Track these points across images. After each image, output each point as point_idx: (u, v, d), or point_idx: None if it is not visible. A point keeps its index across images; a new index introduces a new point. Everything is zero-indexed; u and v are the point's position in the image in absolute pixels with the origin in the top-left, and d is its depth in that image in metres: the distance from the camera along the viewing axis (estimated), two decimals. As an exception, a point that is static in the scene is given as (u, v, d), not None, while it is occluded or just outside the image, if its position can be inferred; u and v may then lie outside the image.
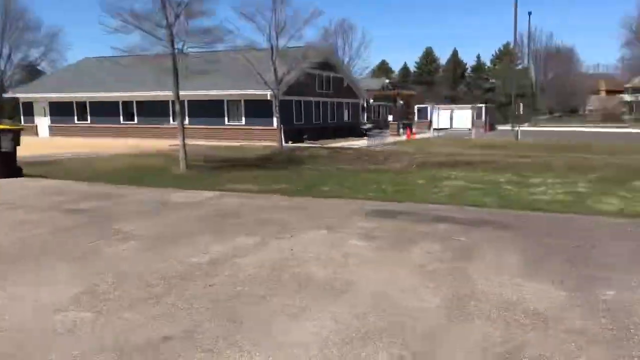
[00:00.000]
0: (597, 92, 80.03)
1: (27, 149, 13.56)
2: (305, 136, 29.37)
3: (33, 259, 5.73)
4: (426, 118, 42.47)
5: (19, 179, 12.62)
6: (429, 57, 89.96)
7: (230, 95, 29.05)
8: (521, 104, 36.30)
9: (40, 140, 29.79)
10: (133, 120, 32.50)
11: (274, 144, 24.08)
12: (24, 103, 35.15)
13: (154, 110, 31.27)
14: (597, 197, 9.83)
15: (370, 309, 4.27)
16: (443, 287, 4.77)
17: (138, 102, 32.01)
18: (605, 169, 14.22)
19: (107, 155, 20.10)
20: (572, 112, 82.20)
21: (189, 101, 28.10)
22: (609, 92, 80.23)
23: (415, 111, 47.07)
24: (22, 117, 34.62)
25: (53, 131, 33.86)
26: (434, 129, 36.49)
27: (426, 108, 44.58)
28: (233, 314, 4.16)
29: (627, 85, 71.63)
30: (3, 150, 12.57)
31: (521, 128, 32.66)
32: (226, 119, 30.24)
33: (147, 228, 7.30)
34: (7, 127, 13.25)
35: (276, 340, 3.68)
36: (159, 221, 7.82)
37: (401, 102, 49.67)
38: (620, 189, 10.60)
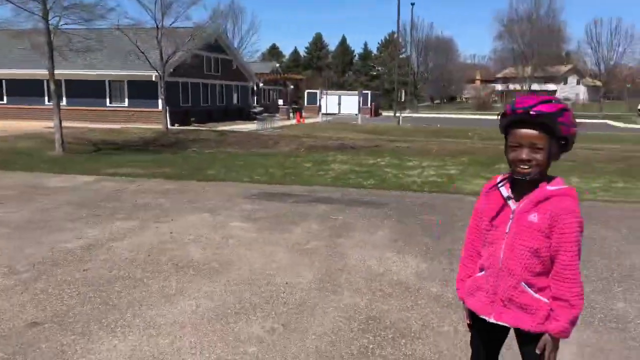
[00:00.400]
0: (473, 81, 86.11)
1: None
2: (192, 119, 28.67)
3: None
4: (315, 103, 43.24)
5: None
6: (318, 42, 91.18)
7: (113, 75, 27.55)
8: (403, 91, 38.19)
9: None
10: (2, 100, 29.70)
11: (159, 126, 23.29)
12: None
13: (27, 90, 28.79)
14: (465, 179, 10.76)
15: (247, 286, 4.44)
16: (317, 263, 5.06)
17: (8, 81, 29.30)
18: (477, 153, 15.53)
19: (15, 135, 18.33)
20: (451, 99, 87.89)
21: (66, 80, 26.27)
22: (483, 81, 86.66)
23: (305, 96, 47.73)
24: None
25: None
26: (323, 114, 37.28)
27: (315, 93, 45.35)
28: (107, 298, 4.13)
29: (498, 76, 77.88)
30: None
31: (403, 114, 34.45)
32: (108, 100, 28.64)
33: (17, 214, 6.87)
34: None
35: (152, 321, 3.73)
36: (31, 206, 7.37)
37: (291, 86, 50.06)
38: (486, 171, 11.68)
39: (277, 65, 53.73)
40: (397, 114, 33.94)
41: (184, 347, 3.36)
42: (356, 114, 36.20)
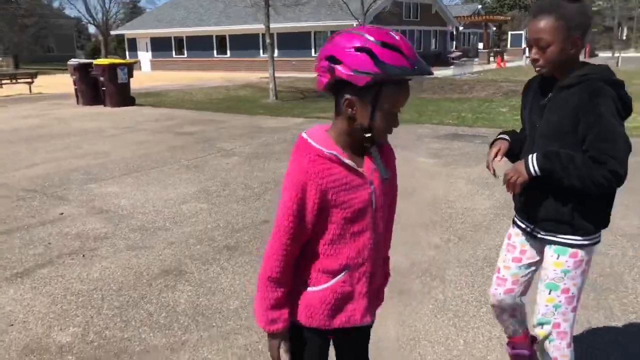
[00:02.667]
0: None
1: (133, 81, 15.19)
2: (391, 66, 29.42)
3: (157, 168, 7.06)
4: (520, 45, 40.56)
5: (132, 107, 14.34)
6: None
7: (317, 26, 29.51)
8: (625, 28, 33.60)
9: (143, 74, 32.20)
10: (226, 54, 34.03)
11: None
12: (128, 39, 37.78)
13: (244, 44, 32.56)
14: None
15: (430, 207, 5.12)
16: (497, 194, 5.49)
17: (231, 36, 33.35)
18: None
19: (205, 87, 21.66)
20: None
21: (278, 34, 28.95)
22: None
23: (509, 38, 44.92)
24: (127, 53, 37.32)
25: (154, 65, 36.28)
26: (527, 57, 34.95)
27: (520, 35, 42.42)
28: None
29: None
30: (119, 82, 14.26)
31: (624, 55, 30.56)
32: (312, 50, 30.90)
33: (244, 147, 8.47)
34: (123, 61, 14.91)
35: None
36: (254, 142, 8.96)
37: (494, 28, 47.45)
38: None
39: (479, 6, 51.09)
40: (616, 54, 30.22)
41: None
42: (565, 56, 33.13)
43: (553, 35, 1.86)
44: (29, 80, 19.66)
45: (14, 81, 19.81)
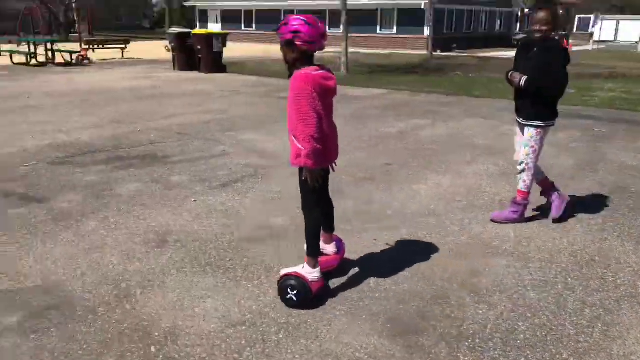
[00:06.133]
0: None
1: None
2: (454, 45, 29.90)
3: (279, 123, 8.35)
4: (587, 29, 39.89)
5: (224, 74, 15.75)
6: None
7: (384, 4, 30.19)
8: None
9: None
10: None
11: (424, 52, 25.24)
12: (200, 11, 39.43)
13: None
14: None
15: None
16: (579, 155, 6.49)
17: (298, 12, 34.40)
18: None
19: (276, 58, 22.90)
20: None
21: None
22: None
23: (575, 21, 44.10)
24: (197, 24, 38.99)
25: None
26: (594, 41, 34.53)
27: (588, 18, 41.62)
28: (425, 158, 6.33)
29: None
30: (214, 50, 15.67)
31: None
32: (378, 27, 31.64)
33: (343, 111, 9.65)
34: (218, 32, 16.29)
35: (455, 171, 5.79)
36: (347, 107, 10.12)
37: (561, 11, 46.58)
38: None
39: (546, -12, 49.94)
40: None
41: (478, 185, 5.34)
42: (637, 42, 32.65)
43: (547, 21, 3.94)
44: (123, 46, 21.43)
45: (106, 46, 21.66)
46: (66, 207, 4.46)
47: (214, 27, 38.37)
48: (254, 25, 36.82)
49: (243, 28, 37.16)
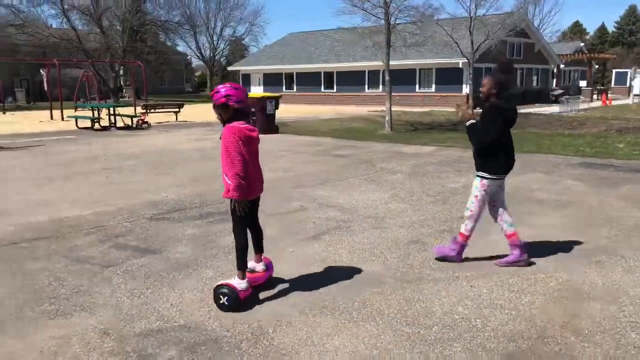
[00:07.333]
0: None
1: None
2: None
3: (343, 180, 8.81)
4: (625, 83, 40.00)
5: (278, 134, 16.53)
6: (632, 15, 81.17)
7: (423, 64, 31.18)
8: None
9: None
10: (332, 88, 36.51)
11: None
12: (243, 75, 41.39)
13: (350, 80, 34.86)
14: None
15: (587, 214, 6.41)
16: (644, 207, 6.69)
17: (338, 73, 35.82)
18: None
19: (320, 119, 23.80)
20: None
21: (384, 70, 30.85)
22: None
23: (613, 76, 44.29)
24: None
25: (265, 98, 39.40)
26: (634, 95, 34.55)
27: (625, 73, 41.79)
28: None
29: None
30: (267, 112, 16.55)
31: None
32: (417, 86, 32.55)
33: (401, 167, 10.10)
34: (271, 95, 17.25)
35: (528, 223, 6.06)
36: (405, 163, 10.56)
37: (596, 66, 46.96)
38: None
39: (582, 44, 50.70)
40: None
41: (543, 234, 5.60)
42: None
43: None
44: (177, 109, 22.71)
45: (161, 110, 22.99)
46: (180, 257, 4.94)
47: (256, 90, 40.09)
48: (294, 87, 38.33)
49: (284, 90, 38.70)
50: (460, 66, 28.44)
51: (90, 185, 8.56)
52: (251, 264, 4.16)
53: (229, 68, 44.48)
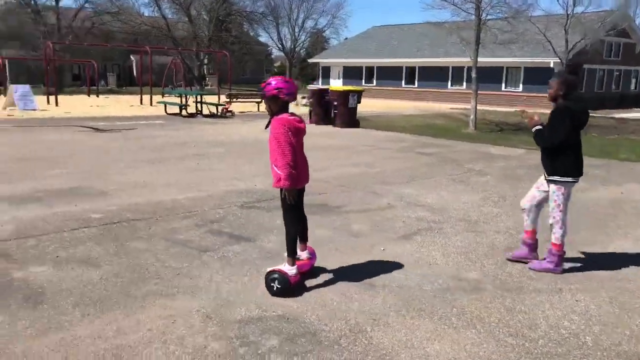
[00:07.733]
0: None
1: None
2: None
3: (431, 179, 8.63)
4: None
5: (359, 129, 16.47)
6: None
7: (510, 62, 29.97)
8: None
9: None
10: (413, 84, 35.91)
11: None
12: (322, 67, 41.61)
13: (432, 76, 34.13)
14: None
15: None
16: None
17: (420, 67, 35.18)
18: None
19: (401, 114, 23.48)
20: None
21: (469, 67, 29.96)
22: None
23: None
24: (320, 80, 41.07)
25: (344, 92, 39.43)
26: None
27: None
28: (597, 221, 6.24)
29: None
30: (349, 106, 16.52)
31: None
32: (503, 85, 31.36)
33: (489, 169, 9.75)
34: (354, 88, 17.22)
35: (634, 237, 5.65)
36: (495, 165, 10.19)
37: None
38: None
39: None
40: None
41: None
42: None
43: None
44: (260, 100, 23.18)
45: (245, 100, 23.55)
46: (273, 247, 5.01)
47: (335, 83, 40.18)
48: (374, 81, 38.07)
49: (363, 83, 38.51)
50: (552, 66, 27.05)
51: (181, 170, 8.89)
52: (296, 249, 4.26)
53: (310, 60, 44.81)
